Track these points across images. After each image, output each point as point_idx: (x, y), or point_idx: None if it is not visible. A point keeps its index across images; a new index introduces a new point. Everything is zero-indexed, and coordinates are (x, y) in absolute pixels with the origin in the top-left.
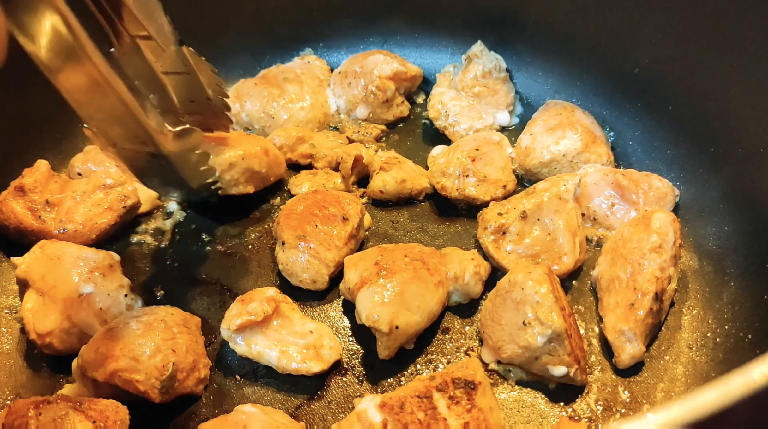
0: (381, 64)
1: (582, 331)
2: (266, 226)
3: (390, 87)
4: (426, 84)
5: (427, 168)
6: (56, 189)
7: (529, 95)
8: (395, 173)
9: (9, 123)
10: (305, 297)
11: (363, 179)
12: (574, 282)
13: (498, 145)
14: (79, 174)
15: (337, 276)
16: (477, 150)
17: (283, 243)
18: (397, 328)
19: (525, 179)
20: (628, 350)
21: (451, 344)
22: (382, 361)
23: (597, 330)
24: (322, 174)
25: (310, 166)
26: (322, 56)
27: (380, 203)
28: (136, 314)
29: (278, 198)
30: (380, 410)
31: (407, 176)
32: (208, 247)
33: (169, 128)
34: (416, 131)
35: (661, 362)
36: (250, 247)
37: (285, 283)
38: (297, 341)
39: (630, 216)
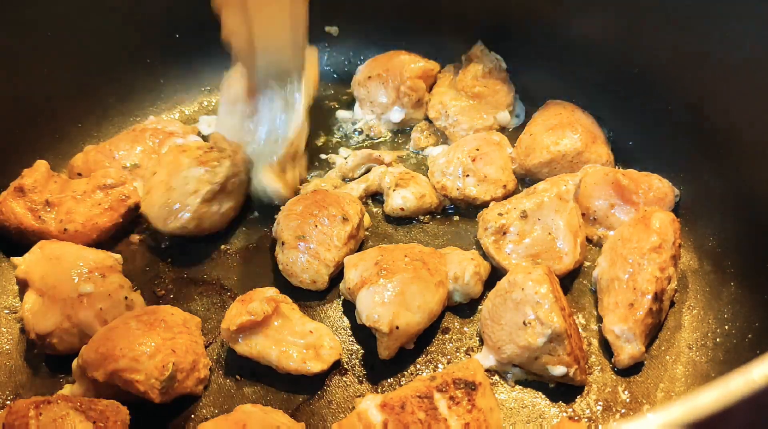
0: (409, 64)
1: (582, 331)
2: (266, 226)
3: (421, 86)
4: None
5: (427, 168)
6: (56, 189)
7: (529, 95)
8: (413, 189)
9: (8, 123)
10: (305, 297)
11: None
12: (574, 282)
13: (498, 145)
14: (79, 174)
15: (337, 276)
16: (477, 150)
17: (282, 243)
18: (397, 328)
19: (525, 179)
20: (628, 350)
21: (451, 344)
22: (383, 361)
23: (597, 330)
24: (322, 173)
25: None
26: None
27: (381, 204)
28: (136, 314)
29: None
30: (381, 410)
31: (426, 191)
32: (208, 247)
33: None
34: None
35: (661, 362)
36: (250, 247)
37: (285, 283)
38: (297, 341)
39: (630, 216)
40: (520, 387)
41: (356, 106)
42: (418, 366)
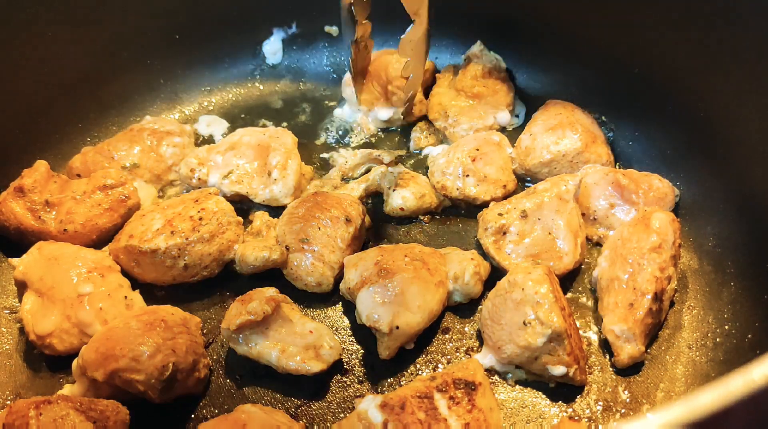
0: (394, 63)
1: (582, 331)
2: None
3: None
4: None
5: (426, 168)
6: (56, 189)
7: (529, 95)
8: (413, 189)
9: (7, 124)
10: (305, 297)
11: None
12: (574, 282)
13: (498, 145)
14: (78, 175)
15: (339, 277)
16: (477, 150)
17: (287, 247)
18: (397, 328)
19: (525, 179)
20: (627, 350)
21: (451, 344)
22: (383, 361)
23: (597, 330)
24: (322, 173)
25: None
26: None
27: (381, 204)
28: (136, 314)
29: None
30: (381, 410)
31: (425, 191)
32: None
33: None
34: None
35: (661, 362)
36: None
37: (285, 283)
38: (297, 341)
39: (630, 216)
40: (520, 387)
41: (345, 105)
42: (418, 366)
